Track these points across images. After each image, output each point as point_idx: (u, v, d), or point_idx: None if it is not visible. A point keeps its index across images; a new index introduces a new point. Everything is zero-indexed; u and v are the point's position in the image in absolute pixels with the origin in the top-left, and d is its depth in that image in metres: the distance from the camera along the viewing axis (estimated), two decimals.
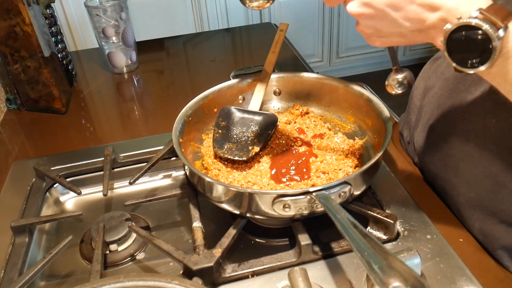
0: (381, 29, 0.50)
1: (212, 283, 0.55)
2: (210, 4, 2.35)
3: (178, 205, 0.72)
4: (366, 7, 0.49)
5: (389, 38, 0.50)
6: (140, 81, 1.17)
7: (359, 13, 0.50)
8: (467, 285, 0.52)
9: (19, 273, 0.59)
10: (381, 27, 0.49)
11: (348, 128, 0.76)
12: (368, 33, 0.52)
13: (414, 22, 0.46)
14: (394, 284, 0.38)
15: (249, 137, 0.73)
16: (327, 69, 2.76)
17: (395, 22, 0.47)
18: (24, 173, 0.78)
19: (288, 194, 0.53)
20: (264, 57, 0.81)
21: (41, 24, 0.96)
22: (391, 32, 0.49)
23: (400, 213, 0.62)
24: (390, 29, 0.49)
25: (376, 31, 0.51)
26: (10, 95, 1.02)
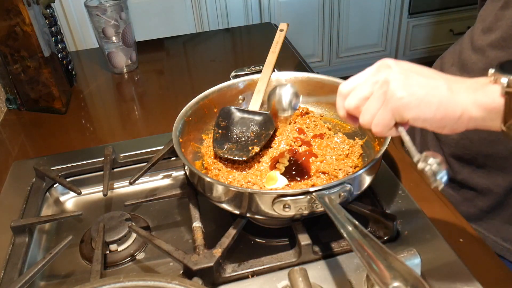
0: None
1: (212, 283, 0.55)
2: (210, 4, 2.35)
3: (178, 205, 0.72)
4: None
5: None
6: (140, 81, 1.17)
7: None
8: (467, 285, 0.52)
9: (19, 273, 0.59)
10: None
11: (348, 128, 0.76)
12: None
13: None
14: (394, 284, 0.38)
15: (249, 137, 0.73)
16: (327, 69, 2.76)
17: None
18: (24, 173, 0.78)
19: (288, 194, 0.53)
20: (264, 57, 0.81)
21: (41, 24, 0.96)
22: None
23: (400, 213, 0.62)
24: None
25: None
26: (10, 95, 1.02)
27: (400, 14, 2.70)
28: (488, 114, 0.42)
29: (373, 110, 0.46)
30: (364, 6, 2.62)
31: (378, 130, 0.47)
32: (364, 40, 2.75)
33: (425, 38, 2.84)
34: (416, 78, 0.45)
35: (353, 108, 0.48)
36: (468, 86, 0.44)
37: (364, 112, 0.47)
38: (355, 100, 0.48)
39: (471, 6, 2.72)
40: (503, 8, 0.65)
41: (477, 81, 0.44)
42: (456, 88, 0.44)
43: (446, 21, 2.78)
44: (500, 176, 0.69)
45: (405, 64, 0.47)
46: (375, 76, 0.47)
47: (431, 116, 0.44)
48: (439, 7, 2.71)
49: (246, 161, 0.69)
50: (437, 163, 0.43)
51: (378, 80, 0.46)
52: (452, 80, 0.45)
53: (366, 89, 0.47)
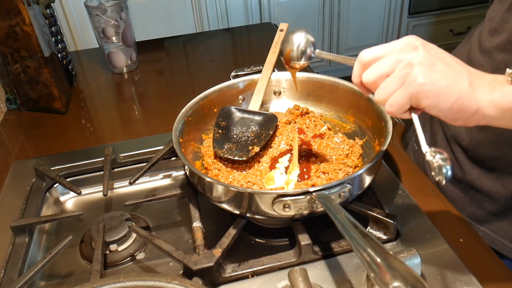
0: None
1: (212, 283, 0.55)
2: (210, 4, 2.35)
3: (178, 205, 0.72)
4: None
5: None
6: (140, 81, 1.17)
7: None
8: (467, 285, 0.52)
9: (19, 273, 0.59)
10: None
11: (348, 128, 0.76)
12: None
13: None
14: (394, 284, 0.38)
15: (249, 137, 0.73)
16: (327, 69, 2.76)
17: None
18: (24, 173, 0.78)
19: (288, 194, 0.53)
20: (264, 57, 0.81)
21: (41, 24, 0.96)
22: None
23: (400, 213, 0.62)
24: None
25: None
26: (10, 95, 1.02)
27: (400, 14, 2.70)
28: (503, 114, 0.42)
29: (391, 90, 0.45)
30: (364, 6, 2.62)
31: (392, 110, 0.46)
32: (364, 40, 2.75)
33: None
34: (441, 67, 0.44)
35: (370, 82, 0.47)
36: (487, 82, 0.43)
37: (381, 89, 0.46)
38: (375, 74, 0.46)
39: (471, 6, 2.72)
40: (509, 10, 0.65)
41: (495, 78, 0.44)
42: (477, 84, 0.43)
43: (446, 21, 2.78)
44: (509, 179, 0.69)
45: (432, 49, 0.45)
46: (400, 54, 0.45)
47: (448, 107, 0.43)
48: (439, 7, 2.71)
49: (246, 161, 0.69)
50: (443, 158, 0.42)
51: (402, 59, 0.45)
52: (474, 74, 0.44)
53: (388, 66, 0.46)
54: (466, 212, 0.75)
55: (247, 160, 0.69)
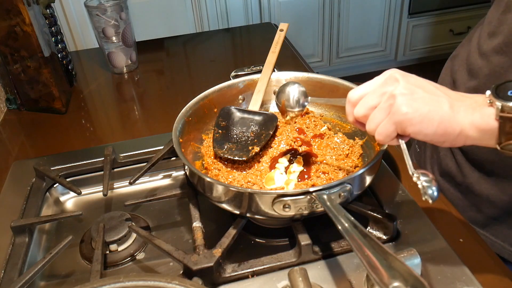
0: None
1: (212, 283, 0.55)
2: (210, 4, 2.35)
3: (178, 205, 0.72)
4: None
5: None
6: (140, 81, 1.17)
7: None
8: (467, 285, 0.52)
9: (19, 273, 0.59)
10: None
11: (348, 128, 0.76)
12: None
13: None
14: (394, 284, 0.38)
15: (249, 137, 0.73)
16: (327, 69, 2.76)
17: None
18: (24, 173, 0.78)
19: (288, 194, 0.53)
20: (264, 57, 0.81)
21: (41, 24, 0.96)
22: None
23: (400, 213, 0.62)
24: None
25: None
26: (10, 95, 1.02)
27: (400, 14, 2.70)
28: (484, 135, 0.44)
29: (378, 120, 0.48)
30: (364, 6, 2.63)
31: (380, 138, 0.49)
32: (364, 40, 2.75)
33: (425, 38, 2.84)
34: (421, 94, 0.46)
35: (361, 116, 0.51)
36: (468, 105, 0.45)
37: (370, 121, 0.50)
38: (363, 109, 0.50)
39: (471, 6, 2.72)
40: (505, 12, 0.65)
41: (476, 101, 0.46)
42: (457, 106, 0.45)
43: (446, 21, 2.78)
44: (507, 184, 0.69)
45: (412, 78, 0.48)
46: (383, 87, 0.49)
47: (432, 132, 0.46)
48: (439, 7, 2.71)
49: (246, 161, 0.69)
50: (428, 180, 0.45)
51: (385, 92, 0.48)
52: (454, 97, 0.47)
53: (374, 99, 0.49)
54: (465, 215, 0.74)
55: (247, 160, 0.69)
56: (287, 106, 0.61)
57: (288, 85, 0.62)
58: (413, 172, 0.46)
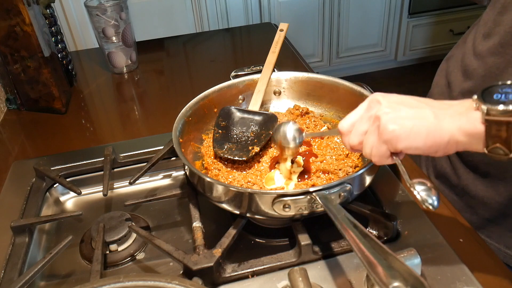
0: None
1: (212, 283, 0.55)
2: (210, 4, 2.35)
3: (178, 205, 0.72)
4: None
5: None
6: (140, 81, 1.17)
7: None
8: (467, 285, 0.52)
9: (19, 273, 0.59)
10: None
11: None
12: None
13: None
14: (394, 284, 0.38)
15: (249, 137, 0.73)
16: (327, 69, 2.76)
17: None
18: (24, 173, 0.78)
19: (288, 194, 0.53)
20: (264, 57, 0.81)
21: (41, 24, 0.96)
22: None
23: (400, 213, 0.62)
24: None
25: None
26: (10, 95, 1.02)
27: (400, 14, 2.70)
28: (472, 139, 0.44)
29: (370, 144, 0.50)
30: (364, 6, 2.62)
31: (376, 160, 0.51)
32: (364, 40, 2.75)
33: (425, 38, 2.84)
34: (404, 110, 0.47)
35: (356, 144, 0.52)
36: (454, 111, 0.46)
37: (364, 146, 0.51)
38: (356, 137, 0.52)
39: (471, 6, 2.72)
40: (500, 13, 0.65)
41: (462, 105, 0.46)
42: (442, 115, 0.46)
43: (446, 21, 2.78)
44: (502, 185, 0.69)
45: (392, 97, 0.50)
46: (368, 112, 0.50)
47: (422, 144, 0.46)
48: (439, 7, 2.71)
49: (246, 161, 0.69)
50: (427, 190, 0.45)
51: (371, 115, 0.50)
52: (438, 106, 0.47)
53: (363, 125, 0.51)
54: None
55: (247, 160, 0.69)
56: (284, 144, 0.64)
57: (283, 124, 0.65)
58: (410, 184, 0.47)
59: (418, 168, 0.75)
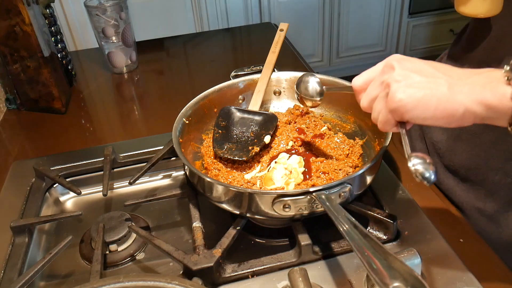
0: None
1: (212, 283, 0.55)
2: (210, 4, 2.35)
3: (178, 205, 0.72)
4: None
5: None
6: (140, 81, 1.17)
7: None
8: (467, 285, 0.52)
9: (19, 273, 0.59)
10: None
11: (348, 128, 0.76)
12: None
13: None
14: (394, 284, 0.38)
15: (249, 137, 0.73)
16: (327, 69, 2.76)
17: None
18: (24, 173, 0.78)
19: (288, 194, 0.53)
20: (264, 57, 0.81)
21: (40, 24, 0.96)
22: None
23: (400, 213, 0.62)
24: None
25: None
26: (9, 95, 1.02)
27: (400, 14, 2.70)
28: (494, 114, 0.42)
29: (378, 110, 0.50)
30: (364, 6, 2.63)
31: (381, 126, 0.50)
32: (364, 40, 2.75)
33: (425, 38, 2.84)
34: (417, 79, 0.46)
35: (367, 108, 0.52)
36: (475, 82, 0.43)
37: (373, 111, 0.51)
38: (367, 101, 0.52)
39: None
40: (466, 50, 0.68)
41: (488, 76, 0.43)
42: (458, 86, 0.43)
43: (446, 21, 2.78)
44: (482, 192, 0.69)
45: (408, 63, 0.48)
46: (381, 76, 0.49)
47: (430, 116, 0.45)
48: (439, 7, 2.71)
49: (246, 161, 0.69)
50: (424, 163, 0.43)
51: (383, 81, 0.49)
52: (456, 76, 0.45)
53: (374, 90, 0.50)
54: None
55: (247, 160, 0.69)
56: (306, 96, 0.65)
57: (305, 76, 0.66)
58: (409, 156, 0.44)
59: None
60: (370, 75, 0.52)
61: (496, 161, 0.66)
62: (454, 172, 0.72)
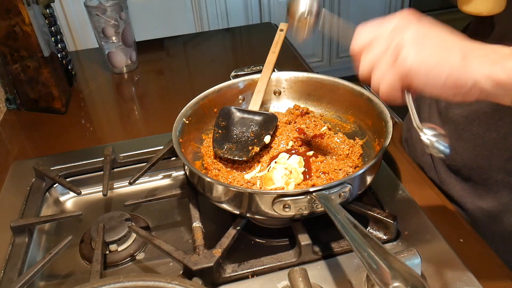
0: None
1: (212, 283, 0.55)
2: (210, 4, 2.35)
3: (178, 205, 0.72)
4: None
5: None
6: (140, 81, 1.17)
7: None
8: (467, 285, 0.52)
9: (19, 273, 0.59)
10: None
11: (348, 128, 0.76)
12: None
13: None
14: (394, 284, 0.38)
15: (249, 137, 0.73)
16: (327, 69, 2.76)
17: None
18: (24, 173, 0.78)
19: (288, 194, 0.53)
20: (264, 57, 0.81)
21: (40, 24, 0.96)
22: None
23: (400, 213, 0.62)
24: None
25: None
26: (9, 95, 1.02)
27: None
28: (500, 91, 0.41)
29: (382, 72, 0.45)
30: (364, 6, 2.63)
31: (385, 95, 0.45)
32: None
33: None
34: (431, 44, 0.43)
35: (365, 70, 0.47)
36: (486, 56, 0.42)
37: (374, 73, 0.46)
38: (368, 62, 0.46)
39: None
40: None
41: (498, 51, 0.42)
42: (472, 57, 0.42)
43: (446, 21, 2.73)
44: (484, 191, 0.69)
45: (425, 24, 0.45)
46: (392, 35, 0.45)
47: (440, 84, 0.42)
48: (439, 7, 2.71)
49: (246, 161, 0.69)
50: (437, 135, 0.42)
51: (393, 40, 0.44)
52: (470, 47, 0.43)
53: (380, 49, 0.45)
54: None
55: (247, 160, 0.69)
56: (296, 12, 0.57)
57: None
58: (420, 127, 0.42)
59: (418, 169, 0.75)
60: (378, 30, 0.46)
61: (498, 161, 0.66)
62: (457, 171, 0.72)
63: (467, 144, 0.69)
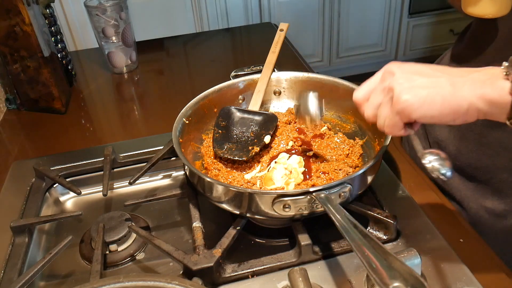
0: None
1: (212, 283, 0.55)
2: (210, 4, 2.35)
3: (178, 205, 0.72)
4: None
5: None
6: (140, 81, 1.17)
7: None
8: (467, 285, 0.52)
9: (19, 273, 0.59)
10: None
11: (348, 128, 0.76)
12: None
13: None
14: (394, 284, 0.38)
15: (249, 137, 0.73)
16: (327, 69, 2.76)
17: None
18: (24, 173, 0.78)
19: (288, 194, 0.53)
20: (264, 57, 0.81)
21: (40, 24, 0.96)
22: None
23: (400, 213, 0.62)
24: None
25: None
26: (9, 95, 1.02)
27: (400, 14, 2.70)
28: (494, 109, 0.43)
29: (384, 115, 0.50)
30: (364, 6, 2.62)
31: (388, 131, 0.50)
32: (364, 40, 2.75)
33: (425, 38, 2.84)
34: (418, 79, 0.46)
35: (371, 117, 0.52)
36: (475, 78, 0.44)
37: (378, 117, 0.51)
38: (371, 110, 0.52)
39: None
40: None
41: (486, 73, 0.44)
42: (460, 82, 0.44)
43: (446, 21, 2.78)
44: (489, 190, 0.69)
45: (407, 67, 0.49)
46: (382, 84, 0.50)
47: (437, 113, 0.45)
48: (439, 7, 2.71)
49: (246, 161, 0.69)
50: (440, 160, 0.44)
51: (385, 87, 0.49)
52: (456, 74, 0.46)
53: (377, 98, 0.51)
54: None
55: (247, 160, 0.69)
56: (309, 118, 0.67)
57: (304, 97, 0.67)
58: (423, 153, 0.45)
59: (418, 169, 0.75)
60: (370, 85, 0.52)
61: (502, 160, 0.66)
62: (460, 171, 0.72)
63: (471, 144, 0.69)
